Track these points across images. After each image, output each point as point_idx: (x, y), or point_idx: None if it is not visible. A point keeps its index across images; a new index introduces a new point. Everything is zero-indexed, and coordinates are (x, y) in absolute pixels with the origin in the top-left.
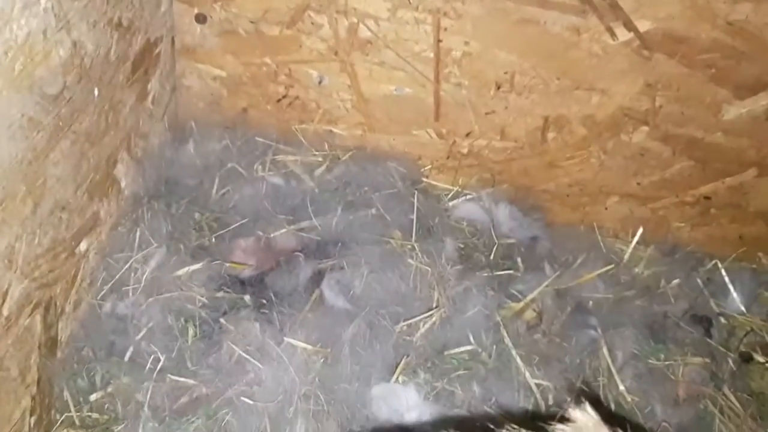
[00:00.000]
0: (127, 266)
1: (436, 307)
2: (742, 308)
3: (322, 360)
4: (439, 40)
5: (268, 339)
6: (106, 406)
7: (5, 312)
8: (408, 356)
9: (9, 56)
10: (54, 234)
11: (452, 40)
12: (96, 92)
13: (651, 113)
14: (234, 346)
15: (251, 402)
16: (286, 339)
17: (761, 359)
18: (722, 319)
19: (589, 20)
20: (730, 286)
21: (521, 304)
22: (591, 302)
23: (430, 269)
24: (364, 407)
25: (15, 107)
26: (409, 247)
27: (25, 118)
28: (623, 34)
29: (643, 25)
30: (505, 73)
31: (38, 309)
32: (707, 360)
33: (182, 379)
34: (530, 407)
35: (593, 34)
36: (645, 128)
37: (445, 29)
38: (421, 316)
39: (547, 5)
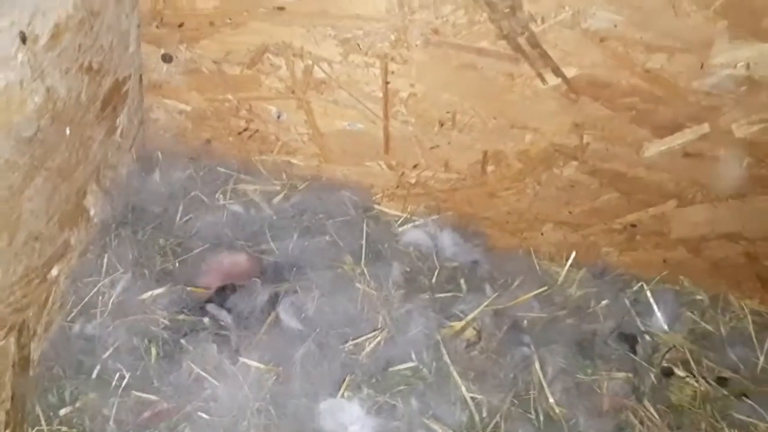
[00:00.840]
0: (95, 290)
1: (381, 327)
2: (665, 327)
3: (274, 378)
4: (387, 82)
5: (225, 359)
6: (74, 420)
7: None
8: (353, 373)
9: None
10: (27, 262)
11: (399, 83)
12: (67, 131)
13: (579, 150)
14: (193, 365)
15: (208, 417)
16: (240, 359)
17: (682, 374)
18: (647, 337)
19: (521, 67)
20: (655, 306)
21: (462, 323)
22: (526, 321)
23: (376, 293)
24: (312, 421)
25: None
26: (359, 271)
27: (2, 159)
28: (552, 80)
29: (569, 72)
30: (447, 112)
31: (12, 332)
32: (630, 375)
33: (145, 395)
34: (465, 419)
35: (525, 79)
36: (574, 163)
37: (392, 72)
38: (367, 336)
39: (483, 53)
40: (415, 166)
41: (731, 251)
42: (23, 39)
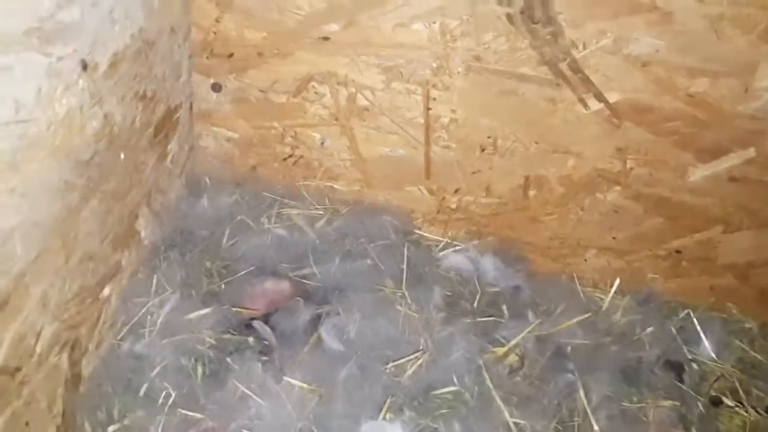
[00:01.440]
0: (144, 310)
1: (422, 350)
2: (713, 355)
3: (317, 398)
4: (429, 108)
5: (269, 378)
6: None
7: (38, 350)
8: (395, 395)
9: (51, 130)
10: (82, 281)
11: (440, 109)
12: (122, 156)
13: (623, 174)
14: (238, 384)
15: None
16: (285, 378)
17: (730, 403)
18: (694, 365)
19: (563, 92)
20: (702, 334)
21: (505, 348)
22: (570, 348)
23: (417, 315)
24: None
25: (54, 172)
26: (400, 294)
27: (62, 181)
28: (594, 105)
29: (612, 97)
30: (489, 137)
31: (65, 348)
32: (677, 403)
33: (191, 413)
34: None
35: (567, 104)
36: (618, 188)
37: (434, 99)
38: (408, 358)
39: (524, 79)
40: (456, 191)
41: None
42: (84, 67)
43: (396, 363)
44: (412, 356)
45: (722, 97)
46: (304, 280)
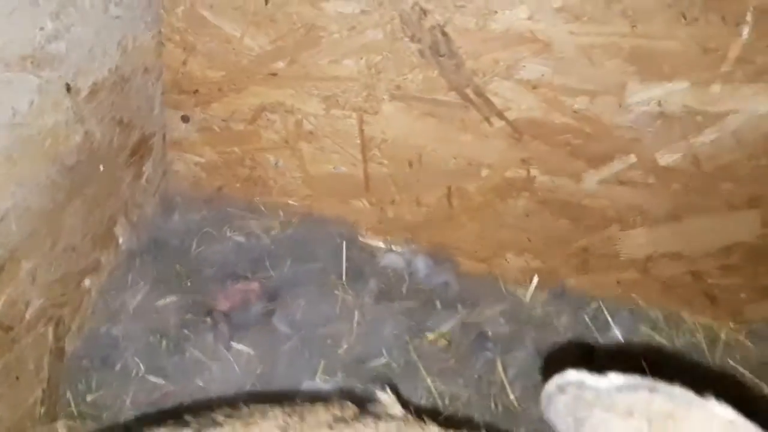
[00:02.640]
0: (120, 300)
1: (357, 327)
2: (622, 340)
3: (262, 364)
4: (363, 130)
5: (220, 346)
6: (98, 403)
7: (27, 317)
8: (328, 359)
9: (41, 136)
10: (65, 267)
11: (372, 130)
12: (101, 168)
13: (528, 182)
14: (194, 351)
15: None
16: (233, 345)
17: None
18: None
19: (471, 113)
20: (611, 323)
21: (435, 334)
22: (491, 332)
23: (354, 300)
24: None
25: (43, 171)
26: (340, 285)
27: (50, 180)
28: (498, 122)
29: (511, 115)
30: (415, 153)
31: (51, 322)
32: None
33: (157, 380)
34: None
35: (475, 123)
36: (526, 194)
37: (367, 122)
38: (343, 335)
39: (438, 103)
40: (392, 202)
41: (677, 270)
42: (68, 89)
43: (332, 337)
44: (347, 332)
45: (601, 112)
46: (260, 280)
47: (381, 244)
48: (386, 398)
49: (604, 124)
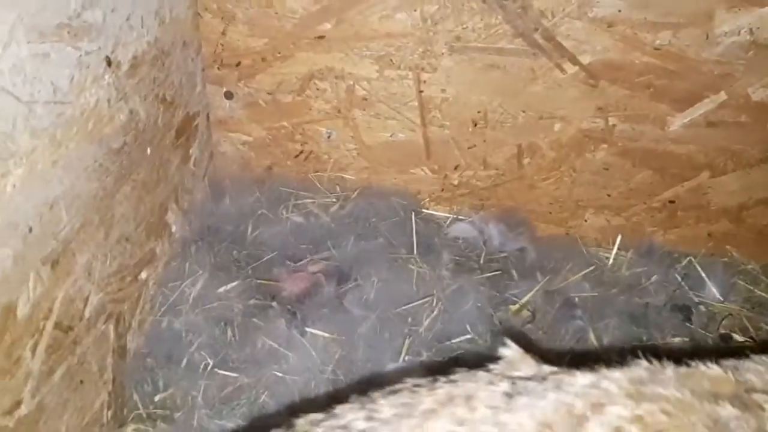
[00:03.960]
0: (179, 291)
1: (436, 303)
2: (719, 297)
3: (340, 348)
4: (421, 91)
5: (295, 332)
6: (168, 403)
7: (86, 315)
8: (412, 338)
9: (84, 116)
10: (121, 260)
11: (431, 90)
12: (149, 150)
13: (607, 132)
14: (266, 340)
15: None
16: (308, 330)
17: (740, 339)
18: (701, 308)
19: (540, 60)
20: (706, 279)
21: (516, 306)
22: (577, 299)
23: (429, 274)
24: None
25: (89, 155)
26: (412, 259)
27: (97, 163)
28: (571, 68)
29: (585, 59)
30: (479, 112)
31: (111, 319)
32: (687, 339)
33: (228, 373)
34: None
35: (546, 71)
36: (605, 146)
37: (424, 81)
38: (424, 312)
39: (503, 52)
40: (455, 168)
41: None
42: (108, 63)
43: (411, 315)
44: (426, 309)
45: (686, 46)
46: (323, 261)
47: (447, 214)
48: (514, 353)
49: (690, 59)
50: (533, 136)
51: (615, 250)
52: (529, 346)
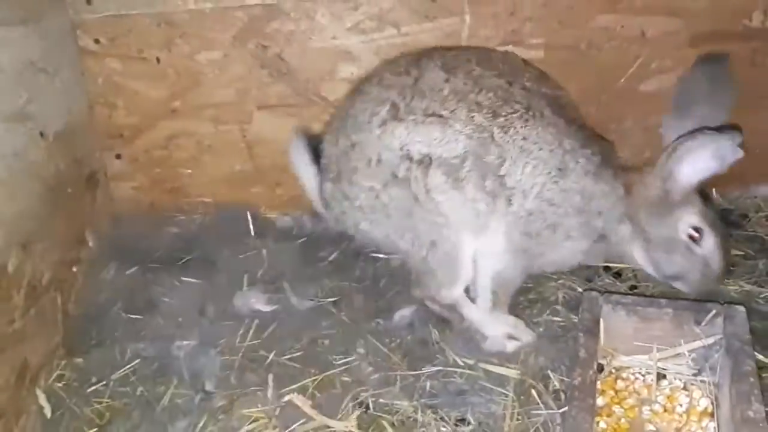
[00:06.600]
0: (98, 277)
1: None
2: None
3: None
4: (244, 137)
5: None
6: (96, 340)
7: (43, 283)
8: None
9: (34, 165)
10: (60, 256)
11: (251, 135)
12: (69, 190)
13: None
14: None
15: None
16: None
17: None
18: None
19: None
20: None
21: None
22: None
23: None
24: None
25: (34, 194)
26: (250, 238)
27: (40, 199)
28: None
29: None
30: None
31: (57, 291)
32: None
33: (136, 317)
34: None
35: None
36: None
37: (246, 130)
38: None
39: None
40: (278, 184)
41: None
42: (42, 135)
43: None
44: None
45: None
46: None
47: (275, 215)
48: None
49: None
50: None
51: None
52: None
